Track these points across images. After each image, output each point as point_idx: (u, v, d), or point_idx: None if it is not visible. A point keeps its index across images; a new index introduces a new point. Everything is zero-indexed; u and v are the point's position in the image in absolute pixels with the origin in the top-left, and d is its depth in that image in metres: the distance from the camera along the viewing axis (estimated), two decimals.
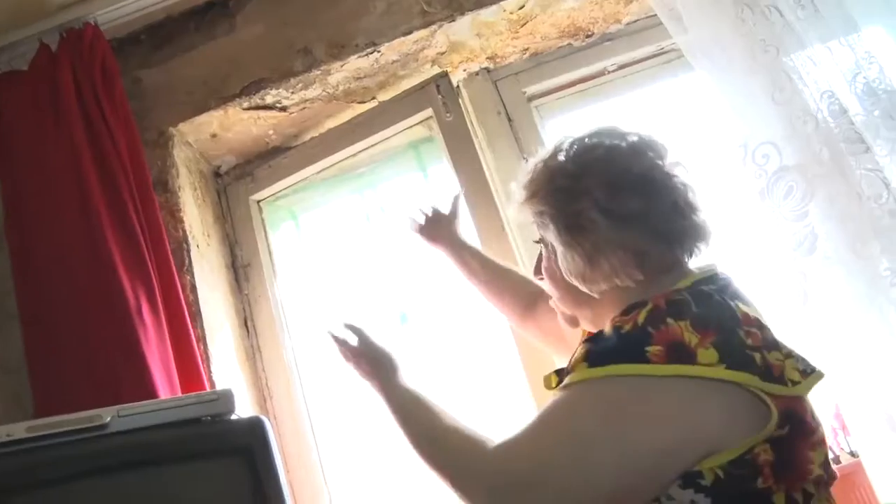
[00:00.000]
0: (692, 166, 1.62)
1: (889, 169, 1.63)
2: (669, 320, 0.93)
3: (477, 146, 1.98)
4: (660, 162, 1.12)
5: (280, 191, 2.19)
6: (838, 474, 1.00)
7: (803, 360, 0.99)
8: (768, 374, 0.92)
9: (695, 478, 0.88)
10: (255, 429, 1.32)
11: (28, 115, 1.85)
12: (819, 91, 1.68)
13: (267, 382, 2.01)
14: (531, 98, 2.09)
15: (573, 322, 1.19)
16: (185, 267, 1.90)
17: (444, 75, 2.04)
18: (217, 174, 2.25)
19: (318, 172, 2.18)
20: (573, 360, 0.98)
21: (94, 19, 1.94)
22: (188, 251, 1.92)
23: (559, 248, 1.11)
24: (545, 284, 1.20)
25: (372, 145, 2.11)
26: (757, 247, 1.74)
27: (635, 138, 1.16)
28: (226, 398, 1.33)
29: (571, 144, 1.16)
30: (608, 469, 0.89)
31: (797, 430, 0.92)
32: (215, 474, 1.31)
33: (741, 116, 1.77)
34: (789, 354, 0.97)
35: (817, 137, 1.65)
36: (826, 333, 1.58)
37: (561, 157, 1.15)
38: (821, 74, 1.70)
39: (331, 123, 2.21)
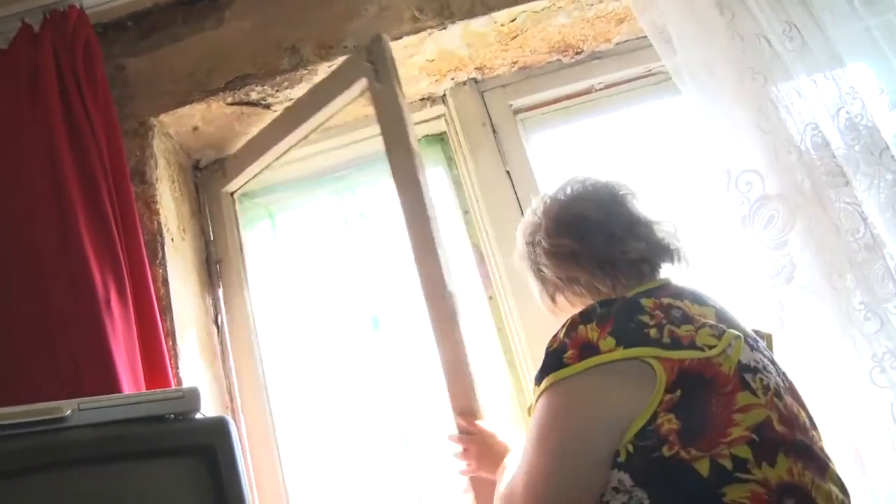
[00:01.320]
0: (674, 189, 1.64)
1: (867, 204, 1.65)
2: (580, 327, 1.07)
3: (458, 154, 1.97)
4: (596, 203, 1.29)
5: (248, 181, 2.12)
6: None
7: (719, 326, 1.08)
8: (673, 344, 1.02)
9: (615, 458, 0.99)
10: (219, 429, 1.29)
11: (4, 92, 1.81)
12: (803, 123, 1.70)
13: (234, 382, 1.97)
14: (517, 111, 2.08)
15: None
16: (157, 260, 1.86)
17: (378, 38, 1.80)
18: (196, 168, 2.21)
19: (289, 164, 2.14)
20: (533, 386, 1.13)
21: (80, 2, 1.91)
22: (162, 244, 1.88)
23: (537, 293, 1.36)
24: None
25: (320, 124, 1.99)
26: (736, 273, 1.75)
27: (578, 186, 1.33)
28: (191, 396, 1.30)
29: (542, 200, 1.36)
30: (579, 472, 1.00)
31: (703, 392, 0.99)
32: (177, 473, 1.27)
33: (726, 142, 1.78)
34: (703, 325, 1.07)
35: (800, 168, 1.66)
36: (800, 362, 1.58)
37: (531, 215, 1.36)
38: (805, 106, 1.72)
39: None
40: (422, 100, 2.12)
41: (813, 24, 1.78)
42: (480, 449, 1.38)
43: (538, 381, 1.09)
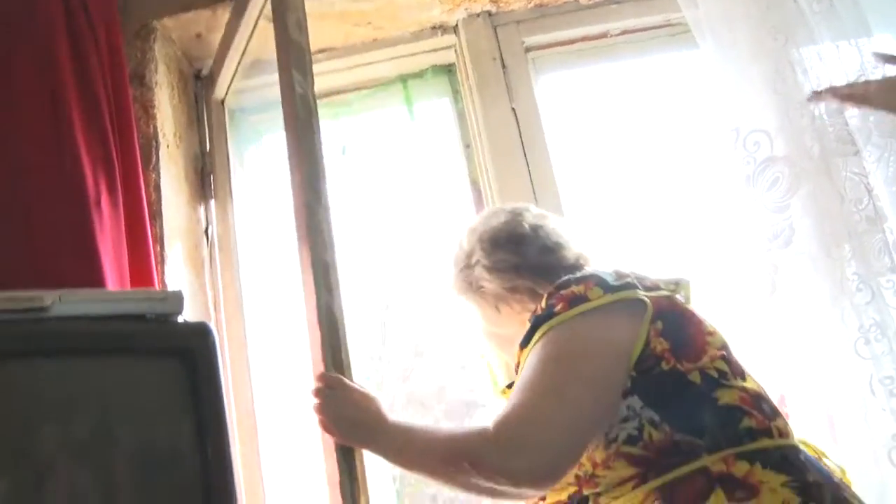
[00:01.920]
0: (680, 144, 1.61)
1: (874, 175, 1.63)
2: (561, 291, 1.17)
3: (465, 86, 1.93)
4: (523, 222, 1.38)
5: (233, 89, 2.05)
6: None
7: (673, 277, 1.27)
8: (645, 287, 1.17)
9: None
10: (200, 333, 1.27)
11: None
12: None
13: (219, 295, 1.96)
14: (529, 49, 2.04)
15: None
16: (151, 165, 1.83)
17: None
18: (197, 77, 2.16)
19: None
20: (518, 360, 1.22)
21: None
22: (157, 149, 1.84)
23: (478, 311, 1.40)
24: (489, 347, 1.48)
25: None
26: (733, 233, 1.73)
27: (501, 214, 1.43)
28: (174, 298, 1.27)
29: (468, 233, 1.43)
30: (586, 403, 1.07)
31: (678, 320, 1.14)
32: (155, 373, 1.26)
33: (738, 100, 1.75)
34: (658, 279, 1.23)
35: (810, 132, 1.64)
36: (787, 327, 1.58)
37: (458, 249, 1.43)
38: (824, 70, 1.68)
39: (321, 44, 2.12)
40: (433, 28, 2.07)
41: None
42: (337, 414, 1.24)
43: (526, 341, 1.16)
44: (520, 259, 1.33)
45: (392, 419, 1.23)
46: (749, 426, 1.04)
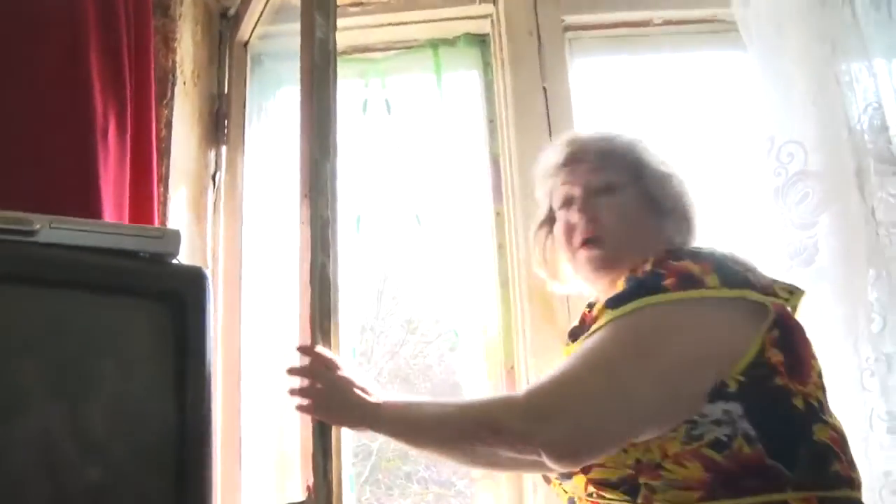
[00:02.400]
0: (712, 148, 1.54)
1: None
2: (671, 262, 1.05)
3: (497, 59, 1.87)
4: None
5: (259, 32, 1.99)
6: None
7: (790, 283, 1.13)
8: (763, 289, 1.05)
9: (721, 389, 0.97)
10: (194, 279, 1.23)
11: None
12: (866, 101, 1.60)
13: (219, 243, 1.92)
14: (568, 28, 1.96)
15: (606, 264, 1.18)
16: (165, 100, 1.77)
17: None
18: (223, 16, 2.09)
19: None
20: (592, 314, 1.11)
21: None
22: (173, 84, 1.79)
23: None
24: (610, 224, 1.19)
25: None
26: (755, 245, 1.67)
27: None
28: (171, 238, 1.23)
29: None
30: (642, 393, 0.99)
31: (791, 334, 1.04)
32: (142, 314, 1.23)
33: (777, 108, 1.69)
34: (773, 279, 1.10)
35: (849, 148, 1.58)
36: None
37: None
38: (872, 84, 1.62)
39: None
40: None
41: None
42: (326, 395, 1.18)
43: (616, 303, 1.04)
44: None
45: (387, 398, 1.17)
46: (837, 471, 0.97)
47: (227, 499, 1.76)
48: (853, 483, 0.98)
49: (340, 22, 1.94)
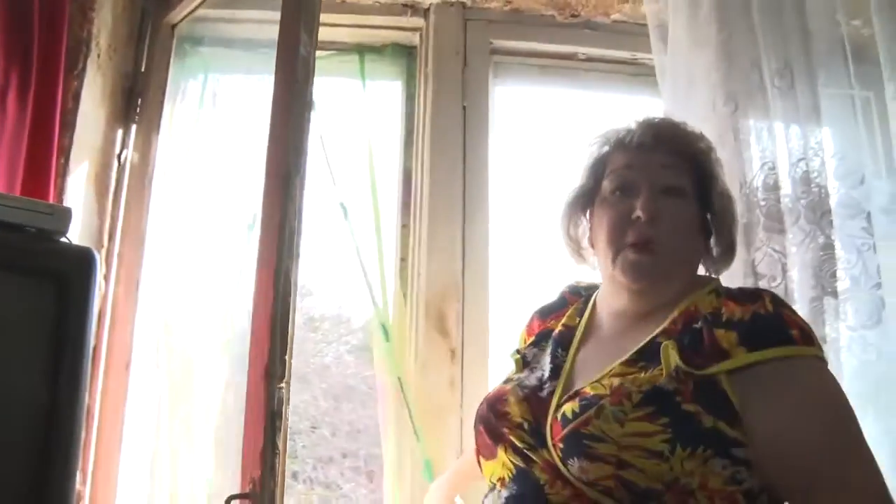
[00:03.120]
0: None
1: (792, 258, 1.66)
2: (785, 311, 1.01)
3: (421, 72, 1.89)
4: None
5: (191, 14, 1.95)
6: None
7: None
8: None
9: None
10: (81, 259, 1.19)
11: None
12: (762, 160, 1.69)
13: (118, 224, 1.85)
14: (495, 51, 2.00)
15: (650, 276, 1.10)
16: (76, 71, 1.71)
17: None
18: None
19: (242, 24, 1.99)
20: (712, 341, 1.00)
21: None
22: (86, 56, 1.73)
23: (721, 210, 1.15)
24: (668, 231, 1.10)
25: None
26: None
27: None
28: (61, 216, 1.19)
29: None
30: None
31: None
32: (22, 292, 1.18)
33: None
34: None
35: (741, 202, 1.65)
36: None
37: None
38: (770, 146, 1.71)
39: None
40: (403, 5, 2.01)
41: (807, 73, 1.76)
42: None
43: (755, 343, 0.97)
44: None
45: None
46: None
47: (101, 477, 1.71)
48: None
49: (263, 14, 1.94)
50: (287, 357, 1.28)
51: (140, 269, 1.84)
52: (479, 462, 1.13)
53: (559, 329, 1.20)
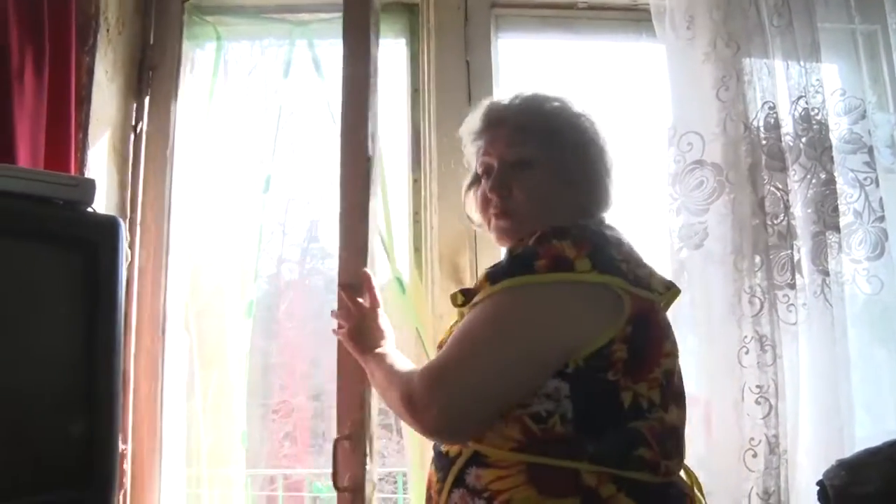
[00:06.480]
0: (617, 133, 1.62)
1: (794, 194, 1.70)
2: (554, 241, 1.07)
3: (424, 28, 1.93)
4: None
5: None
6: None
7: (667, 279, 1.16)
8: (635, 281, 1.07)
9: (561, 368, 1.02)
10: (107, 228, 1.25)
11: None
12: (763, 100, 1.71)
13: (138, 194, 1.91)
14: (495, 4, 2.01)
15: (512, 235, 1.21)
16: (87, 46, 1.74)
17: None
18: None
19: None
20: (478, 282, 1.11)
21: None
22: (95, 31, 1.76)
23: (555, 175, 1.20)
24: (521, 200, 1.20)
25: None
26: (649, 227, 1.78)
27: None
28: (86, 187, 1.24)
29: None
30: (500, 367, 1.03)
31: (646, 332, 1.06)
32: (53, 262, 1.24)
33: (682, 100, 1.79)
34: (653, 272, 1.13)
35: (745, 142, 1.69)
36: (685, 325, 1.64)
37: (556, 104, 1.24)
38: (770, 85, 1.74)
39: None
40: None
41: (805, 10, 1.78)
42: (356, 328, 1.34)
43: (494, 278, 1.06)
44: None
45: (387, 348, 1.30)
46: (640, 455, 1.02)
47: (144, 440, 1.80)
48: (659, 468, 1.03)
49: None
50: None
51: (165, 237, 1.90)
52: None
53: None
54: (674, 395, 1.10)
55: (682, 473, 1.12)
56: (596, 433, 1.01)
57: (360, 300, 1.37)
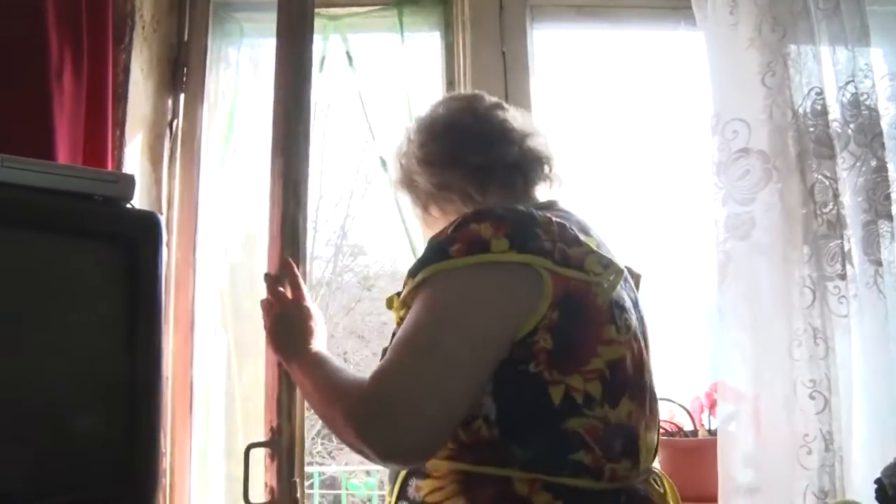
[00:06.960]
0: (661, 123, 1.58)
1: (843, 182, 1.65)
2: (472, 225, 0.98)
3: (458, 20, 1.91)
4: (471, 109, 1.22)
5: None
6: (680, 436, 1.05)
7: (605, 256, 1.02)
8: (563, 261, 0.97)
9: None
10: (147, 223, 1.24)
11: None
12: (809, 86, 1.67)
13: (174, 191, 1.92)
14: None
15: None
16: (122, 44, 1.75)
17: None
18: None
19: None
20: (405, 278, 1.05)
21: None
22: (131, 29, 1.77)
23: (412, 209, 1.28)
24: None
25: None
26: (695, 217, 1.74)
27: (448, 101, 1.28)
28: (125, 183, 1.24)
29: (414, 123, 1.28)
30: (439, 366, 0.93)
31: (577, 318, 0.97)
32: (94, 258, 1.23)
33: (726, 87, 1.74)
34: (591, 252, 1.01)
35: (792, 130, 1.64)
36: (731, 317, 1.60)
37: (403, 140, 1.26)
38: (816, 71, 1.68)
39: None
40: None
41: None
42: (276, 323, 1.25)
43: (414, 273, 0.99)
44: (454, 152, 1.17)
45: (315, 348, 1.17)
46: (579, 460, 0.95)
47: (177, 438, 1.81)
48: (602, 473, 0.96)
49: None
50: None
51: (196, 234, 1.91)
52: None
53: None
54: (626, 387, 1.00)
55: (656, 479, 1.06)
56: (523, 435, 0.95)
57: (281, 289, 1.28)
